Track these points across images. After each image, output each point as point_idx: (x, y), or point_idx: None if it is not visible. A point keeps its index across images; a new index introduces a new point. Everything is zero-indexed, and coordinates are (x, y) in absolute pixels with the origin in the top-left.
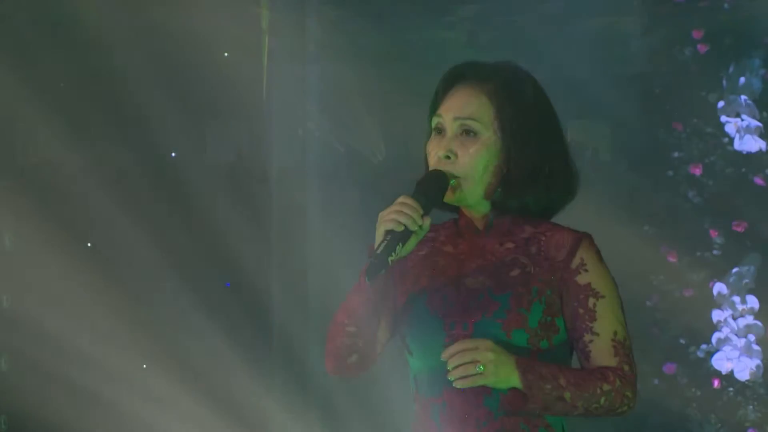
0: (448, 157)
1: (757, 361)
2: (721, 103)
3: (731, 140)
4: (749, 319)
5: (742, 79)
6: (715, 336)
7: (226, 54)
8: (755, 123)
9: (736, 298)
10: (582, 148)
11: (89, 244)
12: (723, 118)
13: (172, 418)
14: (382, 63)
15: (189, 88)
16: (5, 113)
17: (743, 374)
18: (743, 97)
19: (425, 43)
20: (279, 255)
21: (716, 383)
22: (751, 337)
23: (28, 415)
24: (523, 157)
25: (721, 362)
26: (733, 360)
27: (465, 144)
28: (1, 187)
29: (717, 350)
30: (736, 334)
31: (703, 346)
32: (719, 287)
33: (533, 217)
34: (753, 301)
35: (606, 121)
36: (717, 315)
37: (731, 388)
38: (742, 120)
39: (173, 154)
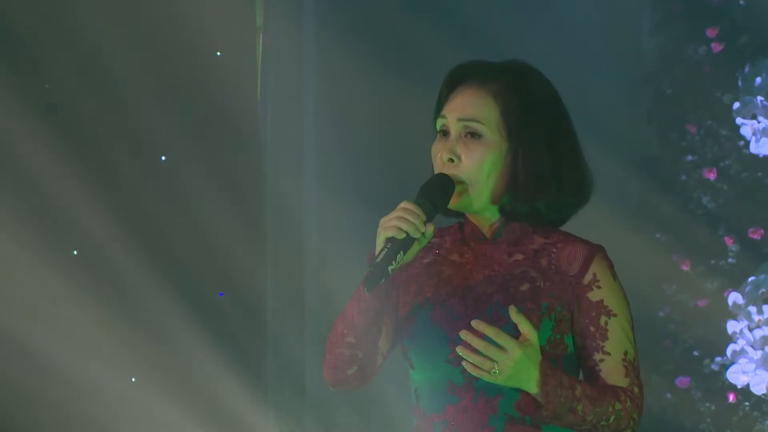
0: (452, 160)
1: None
2: (736, 105)
3: (747, 143)
4: (766, 331)
5: (758, 80)
6: (730, 348)
7: (218, 53)
8: None
9: (752, 309)
10: (589, 152)
11: (75, 252)
12: (738, 120)
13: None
14: (381, 61)
15: (180, 89)
16: None
17: (759, 388)
18: (759, 98)
19: (427, 41)
20: (274, 262)
21: (731, 397)
22: None
23: (12, 430)
24: (531, 160)
25: (737, 375)
26: (749, 373)
27: (469, 146)
28: None
29: (732, 363)
30: (752, 346)
31: (718, 359)
32: (734, 297)
33: (543, 226)
34: None
35: (615, 124)
36: (732, 326)
37: (747, 403)
38: (759, 122)
39: (163, 158)
